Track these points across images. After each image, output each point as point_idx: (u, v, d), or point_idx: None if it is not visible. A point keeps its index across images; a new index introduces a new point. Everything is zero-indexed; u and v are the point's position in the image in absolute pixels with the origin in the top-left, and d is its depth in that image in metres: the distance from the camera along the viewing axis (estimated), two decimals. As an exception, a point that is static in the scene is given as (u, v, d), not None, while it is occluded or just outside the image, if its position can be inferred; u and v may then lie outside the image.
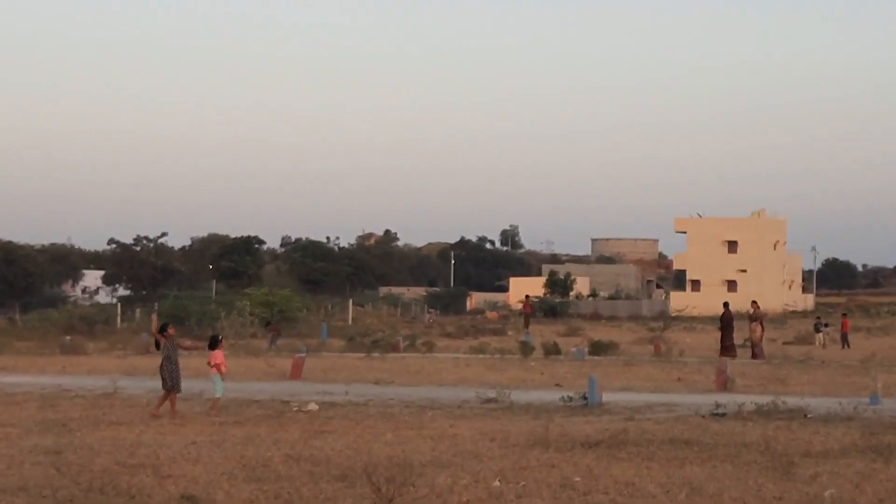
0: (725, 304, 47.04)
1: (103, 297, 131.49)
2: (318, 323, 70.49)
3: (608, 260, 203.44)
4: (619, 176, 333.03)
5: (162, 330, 24.52)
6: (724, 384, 29.62)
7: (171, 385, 23.73)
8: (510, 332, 68.38)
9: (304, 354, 38.06)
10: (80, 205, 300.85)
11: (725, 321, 45.42)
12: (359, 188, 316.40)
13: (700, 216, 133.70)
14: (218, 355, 24.39)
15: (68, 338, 50.75)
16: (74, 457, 16.87)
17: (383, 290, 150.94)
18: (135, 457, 16.90)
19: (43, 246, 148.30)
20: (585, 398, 25.35)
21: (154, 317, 28.19)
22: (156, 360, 25.66)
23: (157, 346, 24.56)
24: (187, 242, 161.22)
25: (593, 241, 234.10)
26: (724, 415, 22.87)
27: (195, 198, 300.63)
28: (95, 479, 14.46)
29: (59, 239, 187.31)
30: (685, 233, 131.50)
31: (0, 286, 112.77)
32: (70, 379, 32.71)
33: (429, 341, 53.74)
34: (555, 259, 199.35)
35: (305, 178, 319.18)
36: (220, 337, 25.57)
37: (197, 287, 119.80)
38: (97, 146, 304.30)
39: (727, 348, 44.42)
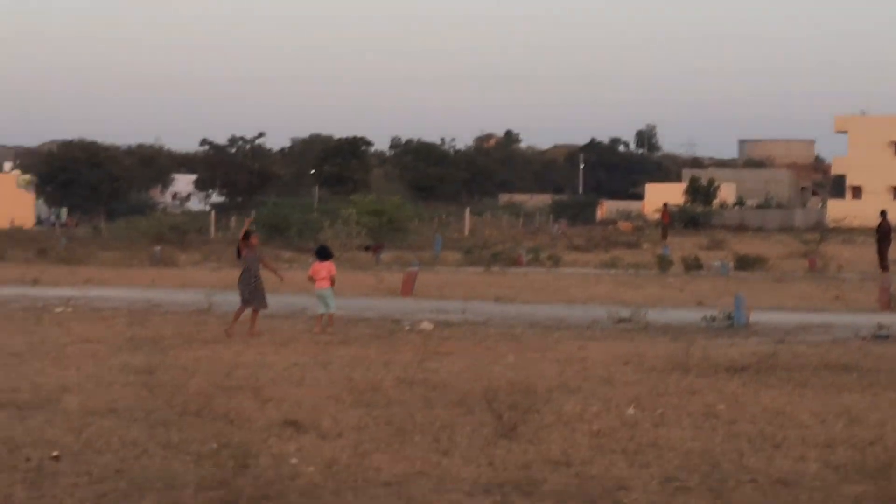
0: (882, 213, 46.37)
1: (195, 204, 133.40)
2: (432, 234, 70.78)
3: (757, 164, 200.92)
4: (771, 69, 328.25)
5: (245, 237, 24.57)
6: (888, 303, 29.28)
7: (248, 299, 23.84)
8: (645, 245, 68.06)
9: (416, 269, 38.27)
10: (170, 102, 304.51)
11: (882, 232, 44.82)
12: (476, 84, 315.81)
13: (864, 114, 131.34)
14: (324, 268, 24.59)
15: (158, 248, 51.56)
16: (167, 377, 17.24)
17: (503, 198, 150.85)
18: (232, 378, 17.22)
19: (130, 147, 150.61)
20: (730, 318, 25.24)
21: (248, 220, 28.35)
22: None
23: (238, 254, 24.63)
24: (287, 144, 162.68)
25: (740, 142, 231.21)
26: (887, 337, 22.66)
27: (296, 95, 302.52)
28: (190, 401, 14.77)
29: (148, 139, 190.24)
30: (846, 133, 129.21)
31: (84, 191, 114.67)
32: (160, 293, 33.30)
33: (554, 255, 53.75)
34: (696, 163, 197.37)
35: (417, 72, 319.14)
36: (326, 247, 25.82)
37: (297, 193, 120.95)
38: (188, 37, 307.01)
39: (886, 263, 43.86)
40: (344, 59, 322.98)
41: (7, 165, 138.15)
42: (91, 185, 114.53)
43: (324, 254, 25.29)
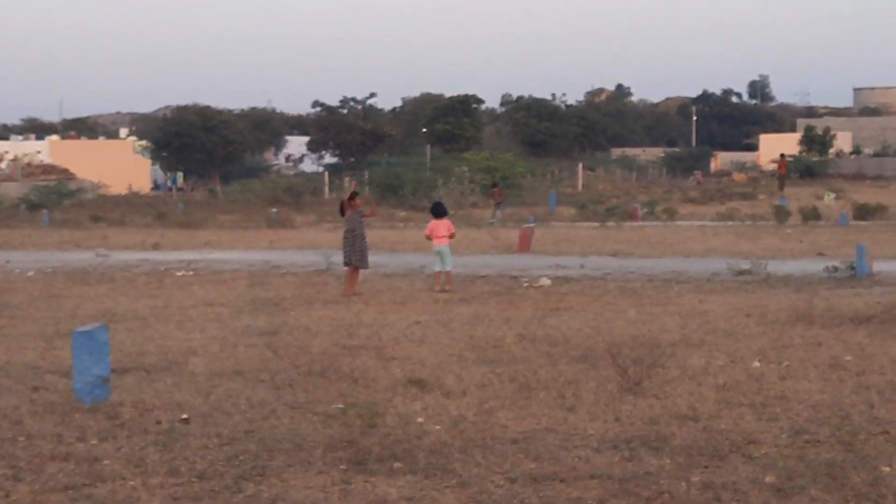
0: None
1: (308, 166, 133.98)
2: (545, 190, 70.61)
3: (873, 112, 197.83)
4: (886, 13, 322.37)
5: (351, 198, 24.67)
6: None
7: (349, 259, 23.95)
8: (761, 196, 67.46)
9: (532, 225, 38.23)
10: (281, 65, 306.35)
11: None
12: (586, 38, 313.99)
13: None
14: (443, 225, 24.67)
15: (275, 210, 51.97)
16: (290, 338, 17.36)
17: (616, 153, 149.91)
18: (355, 338, 17.31)
19: (243, 111, 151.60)
20: (853, 268, 24.92)
21: (353, 184, 28.39)
22: (369, 234, 26.13)
23: (342, 212, 24.69)
24: (398, 104, 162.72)
25: (856, 90, 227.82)
26: None
27: (406, 54, 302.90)
28: (315, 361, 14.86)
29: (260, 103, 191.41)
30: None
31: (199, 155, 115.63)
32: (279, 254, 33.56)
33: (670, 208, 53.49)
34: (811, 112, 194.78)
35: (526, 28, 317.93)
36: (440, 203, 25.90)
37: (409, 153, 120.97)
38: (298, 0, 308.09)
39: None
40: (453, 17, 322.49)
41: (123, 132, 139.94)
42: (205, 149, 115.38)
43: (440, 211, 25.35)
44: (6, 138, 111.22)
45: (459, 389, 13.10)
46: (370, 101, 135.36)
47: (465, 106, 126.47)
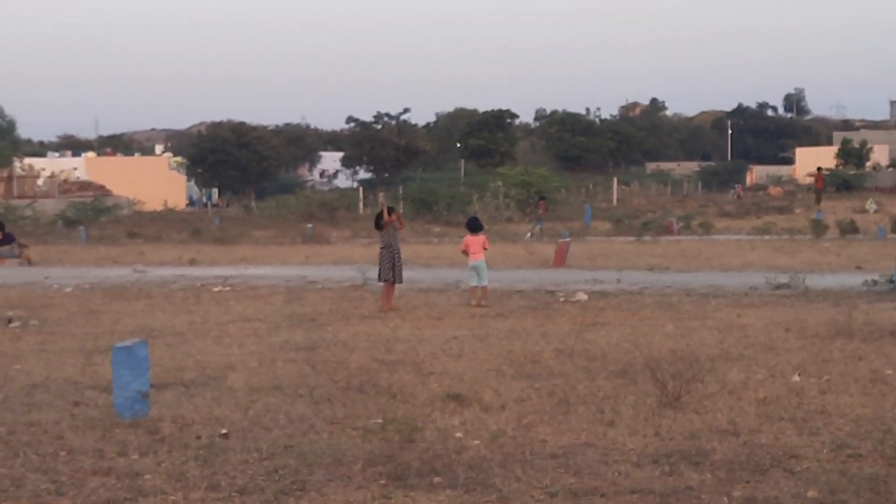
0: None
1: (342, 181, 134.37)
2: (580, 204, 70.59)
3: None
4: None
5: (389, 213, 24.69)
6: None
7: (387, 275, 23.96)
8: (798, 210, 67.21)
9: (567, 239, 38.21)
10: (315, 81, 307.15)
11: None
12: (621, 52, 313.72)
13: None
14: (478, 240, 24.70)
15: (310, 226, 52.08)
16: (328, 353, 17.39)
17: (650, 167, 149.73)
18: (393, 353, 17.32)
19: (277, 127, 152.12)
20: (892, 281, 24.82)
21: (381, 199, 28.23)
22: (404, 249, 26.16)
23: (378, 225, 24.66)
24: (432, 119, 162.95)
25: (892, 103, 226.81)
26: None
27: (440, 69, 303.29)
28: (353, 376, 14.86)
29: (294, 119, 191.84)
30: None
31: (233, 171, 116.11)
32: (315, 270, 33.62)
33: (706, 222, 53.34)
34: (847, 125, 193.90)
35: (560, 42, 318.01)
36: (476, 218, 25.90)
37: (443, 168, 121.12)
38: (331, 18, 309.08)
39: None
40: (487, 32, 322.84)
41: (159, 148, 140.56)
42: (240, 165, 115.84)
43: (475, 226, 25.38)
44: (43, 155, 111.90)
45: (498, 404, 13.10)
46: (404, 117, 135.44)
47: (499, 121, 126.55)
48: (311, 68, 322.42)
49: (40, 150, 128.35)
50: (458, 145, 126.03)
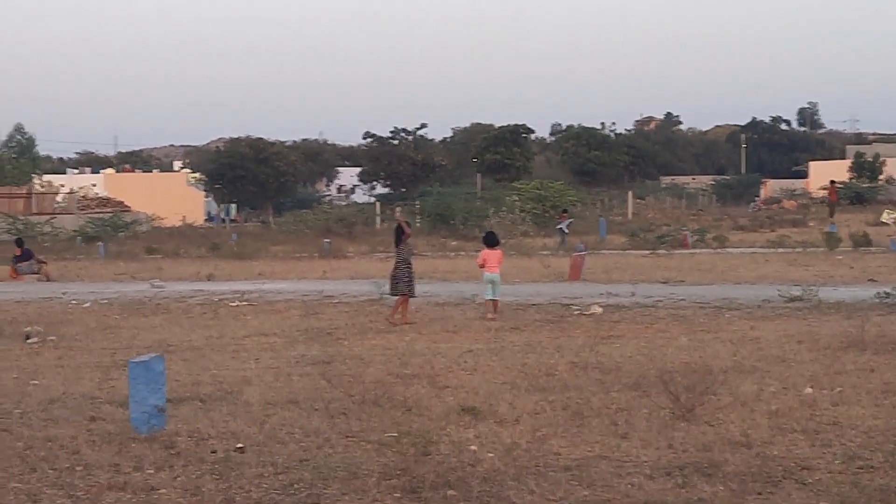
0: None
1: (360, 196, 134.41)
2: (595, 218, 70.42)
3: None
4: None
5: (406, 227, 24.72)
6: None
7: (399, 289, 23.99)
8: (811, 223, 66.98)
9: (583, 252, 38.14)
10: (332, 97, 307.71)
11: None
12: (636, 67, 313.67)
13: None
14: (495, 255, 24.73)
15: (327, 241, 52.09)
16: (344, 367, 17.39)
17: (665, 181, 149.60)
18: (408, 367, 17.31)
19: (295, 142, 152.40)
20: (905, 294, 24.72)
21: (398, 215, 28.11)
22: (421, 264, 26.15)
23: (398, 240, 24.67)
24: (448, 134, 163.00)
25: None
26: None
27: (455, 85, 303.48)
28: (368, 390, 14.86)
29: (311, 134, 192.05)
30: None
31: (251, 187, 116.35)
32: (332, 284, 33.58)
33: (720, 235, 53.21)
34: (860, 139, 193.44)
35: (576, 58, 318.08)
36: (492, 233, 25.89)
37: (460, 182, 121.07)
38: (347, 32, 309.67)
39: None
40: (502, 47, 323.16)
41: (177, 164, 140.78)
42: (258, 180, 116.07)
43: (492, 240, 25.39)
44: (63, 172, 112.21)
45: (512, 417, 13.10)
46: (421, 132, 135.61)
47: (515, 135, 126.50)
48: (328, 84, 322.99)
49: (60, 167, 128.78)
50: (475, 160, 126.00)
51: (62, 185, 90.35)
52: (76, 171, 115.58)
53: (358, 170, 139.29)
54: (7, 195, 77.05)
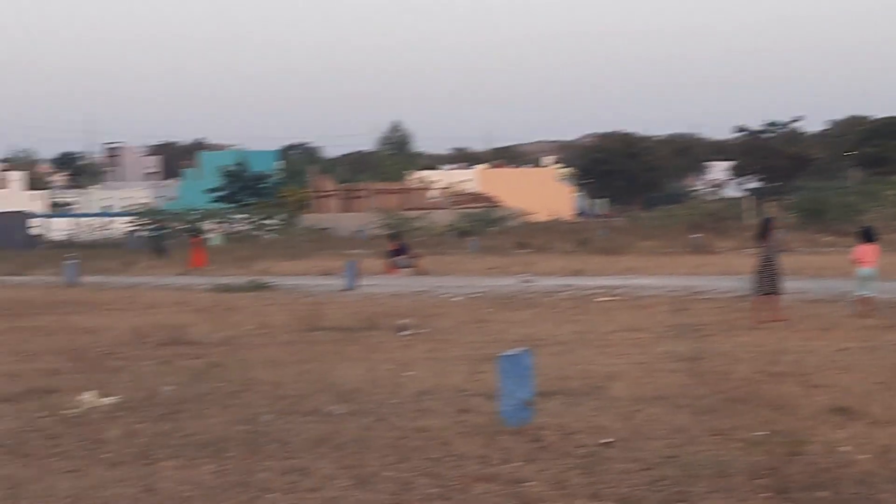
0: None
1: (731, 191, 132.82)
2: None
3: None
4: None
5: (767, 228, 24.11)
6: None
7: (763, 289, 23.33)
8: None
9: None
10: (703, 90, 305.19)
11: None
12: None
13: None
14: (871, 250, 23.96)
15: (697, 236, 51.67)
16: (711, 364, 17.19)
17: None
18: (778, 364, 16.97)
19: (664, 137, 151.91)
20: None
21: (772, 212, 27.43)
22: (791, 260, 25.56)
23: (763, 236, 23.97)
24: (823, 126, 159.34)
25: None
26: None
27: (833, 75, 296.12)
28: (736, 388, 14.66)
29: (682, 128, 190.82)
30: None
31: (621, 182, 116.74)
32: (700, 280, 33.28)
33: None
34: None
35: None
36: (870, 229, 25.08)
37: (833, 177, 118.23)
38: (725, 31, 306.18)
39: None
40: (887, 34, 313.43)
41: (547, 160, 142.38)
42: (628, 175, 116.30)
43: (869, 236, 24.59)
44: (436, 168, 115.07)
45: (887, 418, 12.67)
46: (795, 125, 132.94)
47: (893, 129, 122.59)
48: (699, 79, 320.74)
49: (434, 162, 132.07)
50: (849, 153, 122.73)
51: (436, 181, 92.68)
52: (450, 167, 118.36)
53: (728, 164, 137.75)
54: (382, 191, 79.58)
